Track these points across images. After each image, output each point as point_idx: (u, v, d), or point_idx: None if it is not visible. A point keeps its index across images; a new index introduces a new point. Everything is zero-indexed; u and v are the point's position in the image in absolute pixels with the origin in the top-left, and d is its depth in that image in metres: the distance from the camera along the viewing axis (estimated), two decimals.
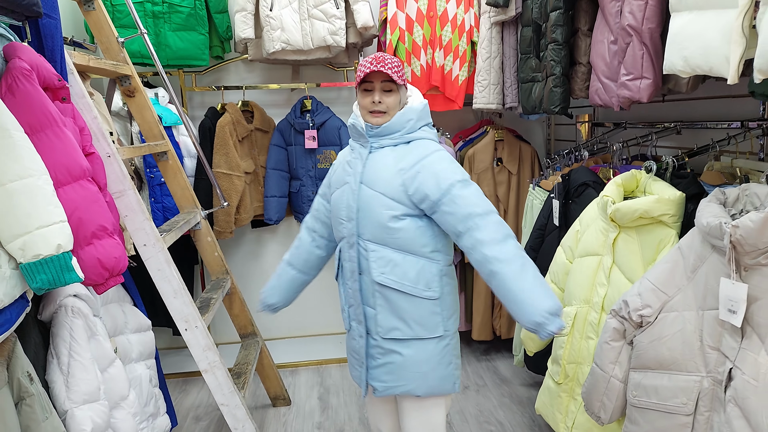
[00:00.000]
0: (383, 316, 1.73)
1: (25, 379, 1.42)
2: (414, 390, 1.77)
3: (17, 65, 1.43)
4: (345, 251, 1.76)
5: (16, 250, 1.32)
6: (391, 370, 1.76)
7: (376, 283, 1.71)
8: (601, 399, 1.74)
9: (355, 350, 1.84)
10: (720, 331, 1.42)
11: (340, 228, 1.77)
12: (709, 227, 1.39)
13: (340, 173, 1.82)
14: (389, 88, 1.70)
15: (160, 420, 2.14)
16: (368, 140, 1.73)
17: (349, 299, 1.80)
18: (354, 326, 1.82)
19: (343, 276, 1.81)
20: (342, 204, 1.75)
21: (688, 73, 1.44)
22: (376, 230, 1.68)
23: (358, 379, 1.87)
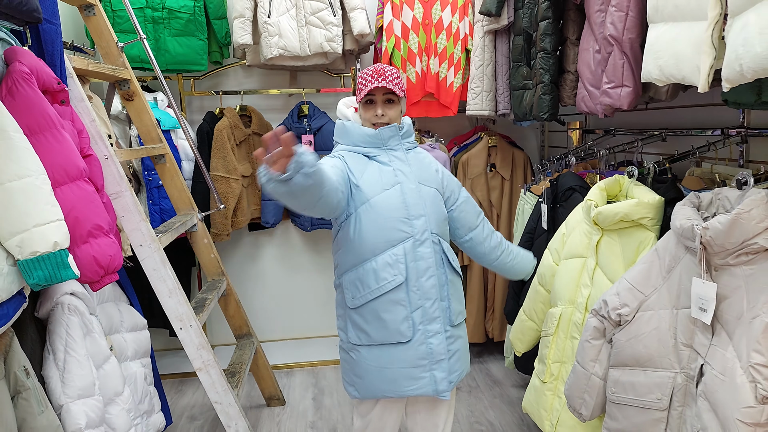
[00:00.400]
0: (454, 304, 1.82)
1: (22, 373, 1.47)
2: (467, 368, 1.91)
3: (17, 69, 1.49)
4: (412, 251, 1.72)
5: (14, 247, 1.38)
6: (461, 356, 1.85)
7: (452, 272, 1.82)
8: (583, 396, 1.79)
9: (423, 356, 1.74)
10: (692, 328, 1.47)
11: (403, 228, 1.72)
12: (682, 229, 1.45)
13: (376, 176, 1.75)
14: (390, 98, 1.78)
15: (155, 417, 2.18)
16: (401, 141, 1.81)
17: (417, 301, 1.73)
18: (422, 329, 1.73)
19: (409, 279, 1.72)
20: (399, 204, 1.73)
21: (663, 81, 1.50)
22: (440, 224, 1.81)
23: (429, 385, 1.75)
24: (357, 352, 1.80)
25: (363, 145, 1.79)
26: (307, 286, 3.84)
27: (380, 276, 1.71)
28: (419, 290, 1.73)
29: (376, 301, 1.72)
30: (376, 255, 1.72)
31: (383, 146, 1.79)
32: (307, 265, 3.84)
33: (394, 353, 1.74)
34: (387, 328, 1.73)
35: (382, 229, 1.72)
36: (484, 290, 3.39)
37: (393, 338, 1.73)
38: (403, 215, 1.73)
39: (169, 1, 3.12)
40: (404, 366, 1.74)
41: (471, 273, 3.36)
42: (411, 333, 1.72)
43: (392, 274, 1.70)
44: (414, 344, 1.74)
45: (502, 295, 3.33)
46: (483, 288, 3.39)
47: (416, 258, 1.73)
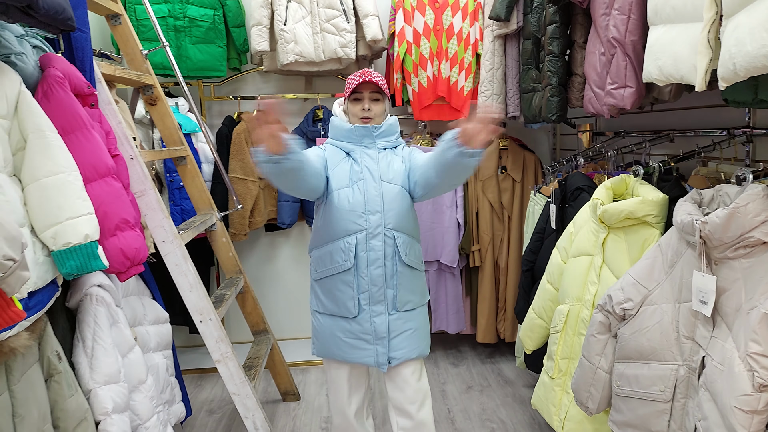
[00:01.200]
0: (401, 293, 1.99)
1: (54, 357, 1.56)
2: (423, 351, 2.08)
3: (52, 74, 1.60)
4: (363, 242, 1.93)
5: (48, 238, 1.47)
6: (408, 336, 2.02)
7: (403, 265, 1.98)
8: (589, 389, 1.84)
9: (367, 331, 1.97)
10: (694, 321, 1.52)
11: (358, 221, 1.93)
12: (682, 224, 1.50)
13: (344, 171, 1.96)
14: (376, 97, 1.99)
15: (176, 407, 2.27)
16: (374, 141, 1.99)
17: (365, 286, 1.95)
18: (367, 309, 1.96)
19: (359, 266, 1.94)
20: (359, 200, 1.93)
21: (663, 81, 1.56)
22: (399, 219, 1.97)
23: (372, 356, 1.99)
24: (316, 317, 2.09)
25: (342, 140, 2.02)
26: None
27: (334, 258, 1.96)
28: (368, 276, 1.94)
29: (330, 278, 1.99)
30: (334, 240, 1.96)
31: (358, 143, 2.00)
32: None
33: (343, 324, 2.01)
34: (337, 303, 1.99)
35: (341, 219, 1.94)
36: (495, 291, 3.44)
37: (341, 312, 1.99)
38: (360, 210, 1.93)
39: (190, 11, 3.23)
40: (350, 337, 2.00)
41: (482, 275, 3.41)
42: (356, 311, 1.97)
43: (343, 259, 1.94)
44: (360, 320, 1.98)
45: (513, 296, 3.38)
46: (494, 289, 3.44)
47: (367, 249, 1.93)
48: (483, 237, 3.37)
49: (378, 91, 1.97)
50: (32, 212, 1.46)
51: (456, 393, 3.14)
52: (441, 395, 3.11)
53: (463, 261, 3.46)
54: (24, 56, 1.56)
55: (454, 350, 3.73)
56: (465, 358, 3.61)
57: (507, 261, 3.40)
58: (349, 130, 1.99)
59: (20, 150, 1.48)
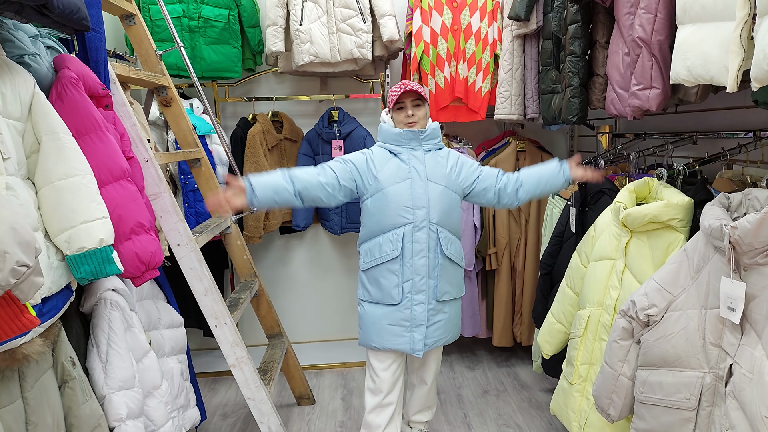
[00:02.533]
0: (441, 284, 2.19)
1: (68, 363, 1.55)
2: (451, 339, 2.33)
3: (66, 75, 1.58)
4: (410, 234, 2.13)
5: (63, 242, 1.46)
6: (440, 326, 2.24)
7: (444, 257, 2.17)
8: (611, 396, 1.79)
9: (407, 318, 2.18)
10: (721, 328, 1.47)
11: (405, 215, 2.13)
12: (710, 229, 1.45)
13: (393, 171, 2.16)
14: (417, 103, 2.19)
15: (191, 412, 2.25)
16: (421, 144, 2.18)
17: (409, 275, 2.14)
18: (411, 297, 2.16)
19: (404, 256, 2.14)
20: (406, 195, 2.13)
21: (691, 82, 1.51)
22: (443, 216, 2.16)
23: (407, 343, 2.19)
24: (362, 306, 2.28)
25: (391, 143, 2.20)
26: (336, 288, 3.90)
27: (383, 249, 2.16)
28: (412, 266, 2.14)
29: (377, 267, 2.18)
30: (384, 232, 2.17)
31: (405, 145, 2.18)
32: (336, 267, 3.89)
33: (386, 311, 2.19)
34: (382, 291, 2.18)
35: (390, 214, 2.14)
36: (512, 295, 3.40)
37: (385, 299, 2.18)
38: (407, 204, 2.13)
39: (205, 11, 3.21)
40: (390, 323, 2.19)
41: (499, 278, 3.37)
42: (399, 298, 2.16)
43: (391, 248, 2.14)
44: (401, 307, 2.17)
45: (530, 300, 3.33)
46: (511, 293, 3.39)
47: (413, 240, 2.13)
48: (500, 240, 3.32)
49: (419, 97, 2.17)
50: (46, 216, 1.44)
51: (472, 397, 3.10)
52: (457, 399, 3.07)
53: (479, 264, 3.41)
54: (38, 57, 1.54)
55: (469, 353, 3.69)
56: (481, 361, 3.57)
57: (524, 264, 3.35)
58: (398, 134, 2.17)
59: (34, 152, 1.46)
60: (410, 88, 2.14)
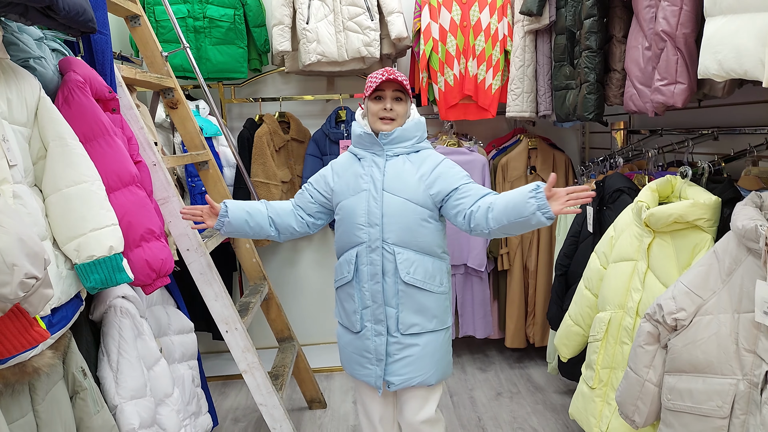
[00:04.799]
0: (405, 314, 1.85)
1: (79, 374, 1.50)
2: (428, 379, 1.90)
3: (72, 78, 1.54)
4: (364, 256, 1.84)
5: (72, 251, 1.41)
6: (410, 362, 1.88)
7: (402, 283, 1.83)
8: (636, 403, 1.74)
9: (369, 350, 1.90)
10: (756, 333, 1.42)
11: (358, 234, 1.84)
12: (744, 230, 1.40)
13: (350, 181, 1.89)
14: (399, 96, 1.85)
15: (202, 419, 2.21)
16: (383, 148, 1.86)
17: (365, 301, 1.87)
18: (369, 326, 1.88)
19: (360, 279, 1.87)
20: (360, 211, 1.84)
21: (722, 77, 1.45)
22: (403, 234, 1.82)
23: (371, 377, 1.91)
24: (338, 326, 2.05)
25: (356, 145, 1.94)
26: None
27: (341, 270, 1.93)
28: (368, 291, 1.86)
29: (340, 289, 1.95)
30: (343, 252, 1.93)
31: (368, 149, 1.89)
32: None
33: (350, 338, 1.96)
34: (346, 315, 1.95)
35: (345, 232, 1.90)
36: (524, 295, 3.35)
37: (349, 325, 1.95)
38: (361, 222, 1.84)
39: (210, 11, 3.17)
40: (354, 352, 1.95)
41: (511, 278, 3.32)
42: (359, 326, 1.90)
43: (347, 270, 1.89)
44: (362, 337, 1.91)
45: (543, 300, 3.28)
46: (524, 293, 3.34)
47: (368, 262, 1.84)
48: (511, 240, 3.27)
49: (401, 90, 1.85)
50: (54, 224, 1.40)
51: (485, 400, 3.05)
52: (470, 402, 3.02)
53: (491, 264, 3.36)
54: (43, 60, 1.50)
55: (481, 355, 3.64)
56: (493, 363, 3.52)
57: (536, 264, 3.30)
58: (359, 136, 1.90)
59: (41, 159, 1.42)
60: (394, 77, 1.80)
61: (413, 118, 1.90)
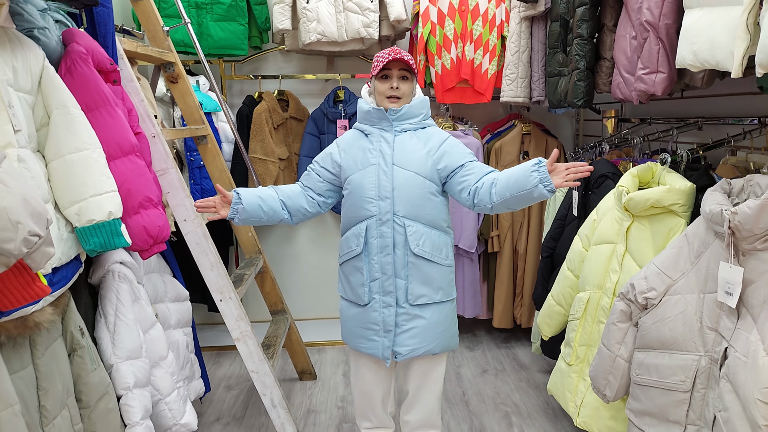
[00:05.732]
0: (413, 285, 1.91)
1: (77, 332, 1.58)
2: (433, 349, 1.97)
3: (75, 49, 1.59)
4: (374, 228, 1.89)
5: (73, 215, 1.48)
6: (416, 333, 1.94)
7: (412, 255, 1.89)
8: (607, 377, 1.82)
9: (376, 321, 1.94)
10: (718, 312, 1.50)
11: (368, 207, 1.89)
12: (711, 214, 1.47)
13: (358, 155, 1.93)
14: (405, 75, 1.90)
15: (195, 383, 2.30)
16: (392, 124, 1.91)
17: (374, 273, 1.91)
18: (378, 298, 1.92)
19: (369, 252, 1.91)
20: (370, 184, 1.89)
21: (697, 67, 1.51)
22: (412, 207, 1.88)
23: (379, 348, 1.95)
24: (341, 302, 2.07)
25: (363, 122, 1.97)
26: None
27: (349, 243, 1.95)
28: (378, 264, 1.90)
29: (347, 263, 1.97)
30: (352, 225, 1.95)
31: (376, 125, 1.94)
32: None
33: (356, 311, 1.99)
34: (352, 289, 1.98)
35: (354, 205, 1.93)
36: (513, 277, 3.42)
37: (355, 299, 1.97)
38: (371, 195, 1.89)
39: None
40: (359, 325, 1.98)
41: (501, 260, 3.39)
42: (367, 299, 1.93)
43: (355, 243, 1.92)
44: (369, 309, 1.95)
45: (531, 283, 3.36)
46: (512, 275, 3.42)
47: (378, 235, 1.89)
48: (502, 222, 3.34)
49: (407, 69, 1.89)
50: (56, 188, 1.47)
51: (471, 376, 3.14)
52: (456, 378, 3.12)
53: (481, 246, 3.44)
54: (47, 31, 1.55)
55: (469, 334, 3.73)
56: (480, 342, 3.61)
57: (526, 247, 3.37)
58: (367, 112, 1.94)
59: (44, 126, 1.48)
60: (400, 56, 1.85)
61: (418, 96, 1.97)
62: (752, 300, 1.39)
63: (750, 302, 1.40)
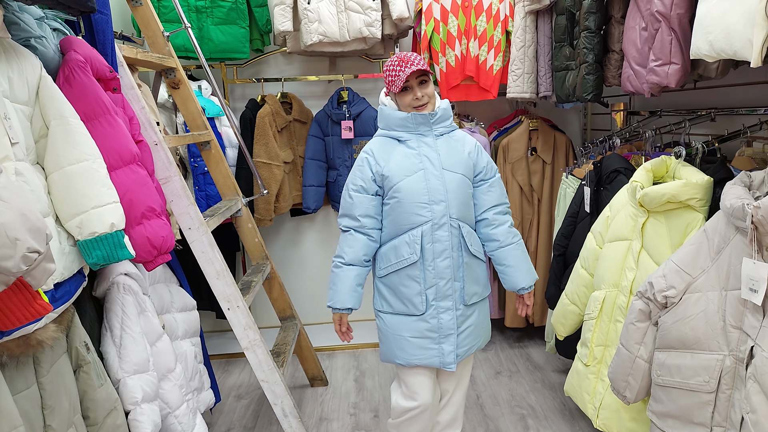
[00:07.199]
0: (468, 285, 1.93)
1: (83, 348, 1.55)
2: (481, 344, 2.06)
3: (73, 57, 1.56)
4: (429, 234, 1.86)
5: (74, 228, 1.45)
6: (470, 332, 1.98)
7: (469, 255, 1.92)
8: (627, 379, 1.77)
9: (433, 329, 1.91)
10: (742, 310, 1.44)
11: (421, 213, 1.86)
12: (732, 208, 1.42)
13: (401, 162, 1.87)
14: (423, 79, 1.88)
15: (205, 394, 2.26)
16: (431, 128, 1.90)
17: (432, 280, 1.88)
18: (436, 305, 1.90)
19: (425, 259, 1.87)
20: (422, 190, 1.86)
21: (713, 57, 1.46)
22: (461, 208, 1.91)
23: (436, 357, 1.92)
24: (380, 318, 2.00)
25: (396, 129, 1.92)
26: None
27: (399, 253, 1.89)
28: (434, 270, 1.88)
29: (395, 274, 1.91)
30: (399, 234, 1.90)
31: (414, 131, 1.90)
32: None
33: (408, 323, 1.93)
34: (403, 300, 1.92)
35: (405, 212, 1.87)
36: None
37: (408, 310, 1.92)
38: (424, 200, 1.86)
39: None
40: (415, 336, 1.92)
41: None
42: (424, 307, 1.90)
43: (409, 252, 1.87)
44: (426, 317, 1.91)
45: (542, 280, 3.31)
46: None
47: (433, 240, 1.87)
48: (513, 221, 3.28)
49: (423, 73, 1.86)
50: (57, 201, 1.43)
51: (484, 378, 3.10)
52: (470, 381, 3.06)
53: None
54: (44, 40, 1.52)
55: None
56: (493, 342, 3.56)
57: (536, 245, 3.32)
58: (404, 118, 1.88)
59: (42, 137, 1.45)
60: (414, 67, 1.80)
61: (446, 104, 1.95)
62: None
63: None
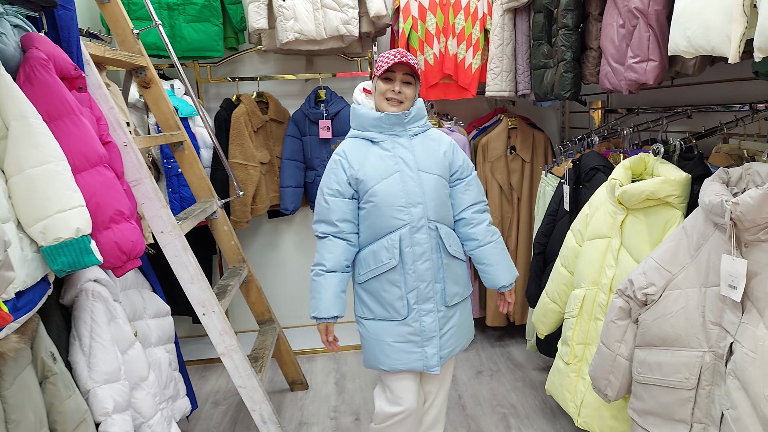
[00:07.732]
0: (449, 286, 1.91)
1: (49, 358, 1.49)
2: (464, 344, 2.04)
3: (35, 55, 1.49)
4: (408, 237, 1.83)
5: (37, 233, 1.39)
6: (453, 333, 1.96)
7: (449, 256, 1.89)
8: (608, 377, 1.76)
9: (416, 332, 1.88)
10: (721, 306, 1.44)
11: (399, 216, 1.82)
12: (711, 205, 1.41)
13: (376, 164, 1.83)
14: (409, 80, 1.86)
15: (180, 402, 2.21)
16: (405, 128, 1.88)
17: (412, 283, 1.85)
18: (418, 308, 1.87)
19: (405, 262, 1.84)
20: (398, 193, 1.82)
21: (691, 53, 1.45)
22: (439, 209, 1.88)
23: (419, 360, 1.89)
24: (362, 325, 1.97)
25: (369, 129, 1.88)
26: None
27: (378, 257, 1.85)
28: (414, 273, 1.85)
29: (376, 279, 1.88)
30: (378, 238, 1.86)
31: (388, 131, 1.87)
32: None
33: (391, 328, 1.90)
34: (385, 306, 1.88)
35: (382, 216, 1.83)
36: None
37: (390, 315, 1.89)
38: (401, 203, 1.83)
39: None
40: (398, 341, 1.89)
41: None
42: (405, 311, 1.87)
43: (388, 257, 1.84)
44: (408, 321, 1.88)
45: (523, 279, 3.30)
46: None
47: (412, 243, 1.84)
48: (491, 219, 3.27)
49: (411, 74, 1.85)
50: (18, 206, 1.37)
51: (465, 378, 3.08)
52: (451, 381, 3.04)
53: None
54: (3, 36, 1.45)
55: None
56: (474, 341, 3.55)
57: (516, 243, 3.32)
58: (378, 119, 1.85)
59: (2, 139, 1.38)
60: (406, 59, 1.80)
61: (421, 102, 1.94)
62: (757, 293, 1.33)
63: (755, 295, 1.34)
